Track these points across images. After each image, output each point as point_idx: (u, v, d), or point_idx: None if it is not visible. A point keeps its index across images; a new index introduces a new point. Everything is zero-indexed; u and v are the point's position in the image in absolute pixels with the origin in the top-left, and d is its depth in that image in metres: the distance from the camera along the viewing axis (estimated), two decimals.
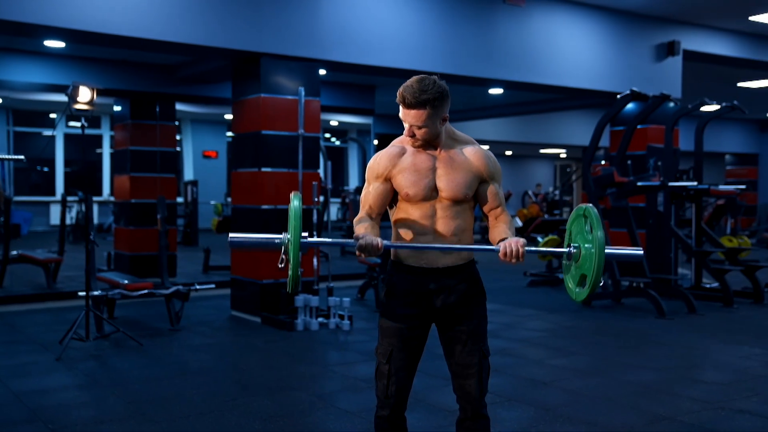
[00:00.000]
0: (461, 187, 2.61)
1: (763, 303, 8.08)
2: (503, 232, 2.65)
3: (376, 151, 9.56)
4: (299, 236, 2.40)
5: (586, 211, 2.54)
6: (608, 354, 5.68)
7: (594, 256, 2.44)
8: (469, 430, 2.74)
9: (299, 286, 2.48)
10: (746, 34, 10.29)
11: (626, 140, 8.02)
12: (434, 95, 2.51)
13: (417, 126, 2.55)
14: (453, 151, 2.66)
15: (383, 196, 2.66)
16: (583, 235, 2.53)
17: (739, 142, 19.41)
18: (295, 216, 2.43)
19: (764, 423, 3.95)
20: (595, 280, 2.45)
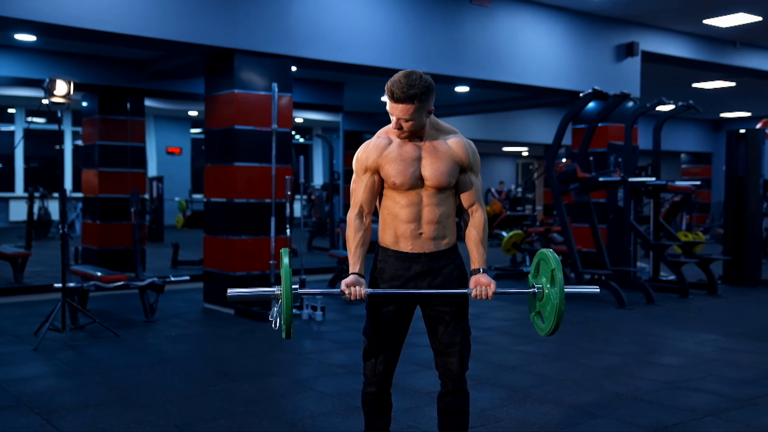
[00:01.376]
0: (445, 176, 2.78)
1: (716, 294, 8.44)
2: (476, 260, 2.84)
3: (346, 149, 9.81)
4: (290, 290, 2.56)
5: (547, 255, 2.77)
6: (572, 341, 5.93)
7: (556, 300, 2.69)
8: (449, 404, 2.92)
9: (291, 333, 2.68)
10: (700, 36, 10.69)
11: (588, 138, 8.31)
12: (421, 90, 2.67)
13: (404, 119, 2.71)
14: (437, 141, 2.82)
15: (373, 188, 2.81)
16: (546, 275, 2.76)
17: (693, 142, 20.00)
18: (285, 273, 2.59)
19: (717, 399, 4.21)
20: (557, 320, 2.71)
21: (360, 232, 2.79)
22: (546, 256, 2.78)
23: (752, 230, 9.31)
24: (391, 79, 2.70)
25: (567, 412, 3.96)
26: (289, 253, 2.70)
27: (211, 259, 7.40)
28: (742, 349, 5.63)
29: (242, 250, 7.03)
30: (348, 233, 2.82)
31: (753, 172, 9.33)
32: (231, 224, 7.04)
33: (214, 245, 7.32)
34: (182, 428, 3.66)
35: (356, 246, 2.78)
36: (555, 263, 2.71)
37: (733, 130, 9.56)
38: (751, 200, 9.29)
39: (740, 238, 9.30)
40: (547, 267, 2.77)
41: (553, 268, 2.71)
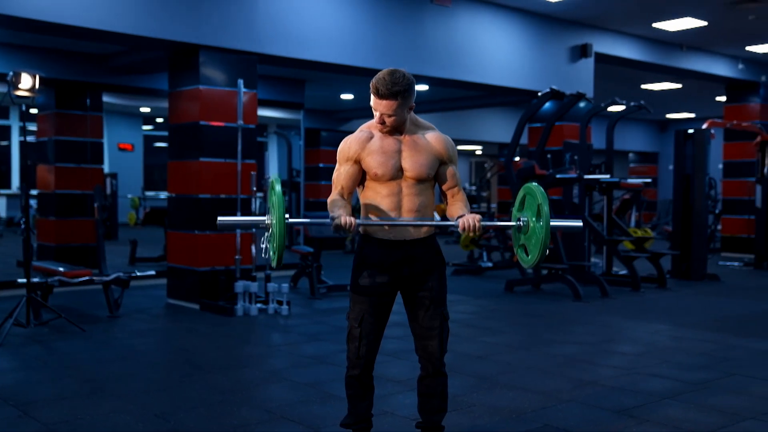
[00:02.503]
0: (424, 168, 2.92)
1: (666, 287, 8.77)
2: (460, 209, 2.98)
3: (306, 146, 9.94)
4: (283, 217, 2.65)
5: (534, 188, 2.87)
6: (533, 332, 6.14)
7: (542, 228, 2.79)
8: (429, 386, 3.06)
9: (281, 262, 2.76)
10: (650, 39, 11.07)
11: (545, 136, 8.55)
12: (404, 87, 2.80)
13: (387, 114, 2.84)
14: (416, 136, 2.96)
15: (354, 176, 2.94)
16: (531, 209, 2.88)
17: (640, 141, 20.59)
18: (278, 199, 2.68)
19: (673, 383, 4.44)
20: (543, 250, 2.81)
21: (341, 202, 2.89)
22: (532, 191, 2.87)
23: (698, 226, 9.69)
24: (376, 77, 2.82)
25: (535, 397, 4.13)
26: (280, 181, 2.79)
27: (175, 254, 7.40)
28: (693, 337, 5.91)
29: (207, 245, 7.05)
30: (331, 206, 2.91)
31: (699, 171, 9.70)
32: (196, 220, 7.06)
33: (179, 241, 7.32)
34: (162, 417, 3.71)
35: (338, 207, 2.87)
36: (542, 198, 2.81)
37: (681, 130, 9.93)
38: (697, 198, 9.67)
39: (687, 234, 9.67)
40: (533, 201, 2.86)
41: (540, 203, 2.80)
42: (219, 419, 3.70)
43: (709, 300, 8.07)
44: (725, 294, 8.50)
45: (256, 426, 3.58)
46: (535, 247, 2.83)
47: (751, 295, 8.50)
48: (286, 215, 2.72)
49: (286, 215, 2.72)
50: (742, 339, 5.85)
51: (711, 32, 10.70)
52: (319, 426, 3.59)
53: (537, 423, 3.67)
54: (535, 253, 2.84)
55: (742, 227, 13.01)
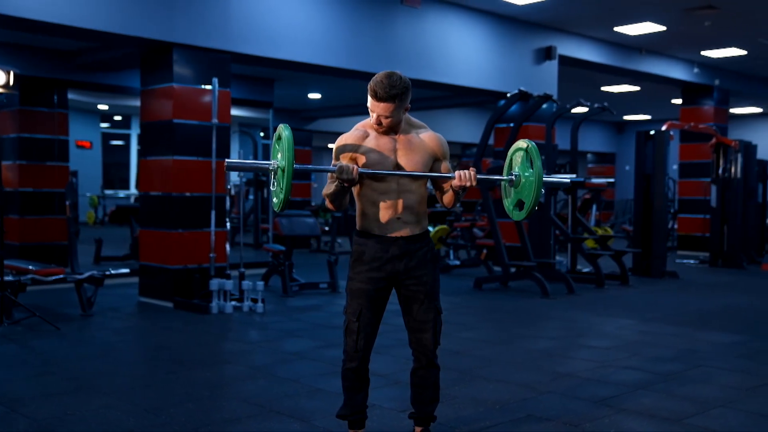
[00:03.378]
0: (419, 166, 3.03)
1: (628, 284, 9.04)
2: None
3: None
4: (292, 162, 2.73)
5: (528, 146, 2.99)
6: (506, 327, 6.29)
7: (534, 183, 2.92)
8: (423, 378, 3.18)
9: (286, 207, 2.83)
10: (611, 43, 11.36)
11: (513, 136, 8.73)
12: (401, 90, 2.90)
13: (384, 116, 2.94)
14: (410, 135, 3.07)
15: None
16: (523, 165, 3.00)
17: (598, 142, 21.03)
18: (289, 145, 2.75)
19: (644, 374, 4.63)
20: (533, 204, 2.94)
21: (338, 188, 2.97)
22: (521, 146, 3.01)
23: (658, 225, 9.99)
24: (374, 80, 2.91)
25: (515, 389, 4.27)
26: (289, 128, 2.85)
27: (147, 253, 7.37)
28: (658, 331, 6.13)
29: (182, 243, 7.05)
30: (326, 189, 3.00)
31: (659, 171, 10.01)
32: (170, 218, 7.05)
33: (151, 239, 7.30)
34: (153, 412, 3.75)
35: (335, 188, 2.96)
36: (533, 152, 2.94)
37: (642, 131, 10.23)
38: (657, 197, 9.98)
39: (648, 233, 9.97)
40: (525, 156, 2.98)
41: (532, 155, 2.94)
42: (209, 413, 3.75)
43: (670, 296, 8.35)
44: (685, 290, 8.80)
45: (248, 420, 3.65)
46: (528, 198, 2.94)
47: (709, 291, 8.81)
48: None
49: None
50: (704, 332, 6.09)
51: (669, 37, 11.04)
52: (309, 419, 3.67)
53: (520, 413, 3.81)
54: (529, 200, 2.94)
55: (698, 226, 13.43)
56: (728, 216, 11.32)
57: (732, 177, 11.36)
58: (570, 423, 3.66)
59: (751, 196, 11.93)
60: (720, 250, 11.44)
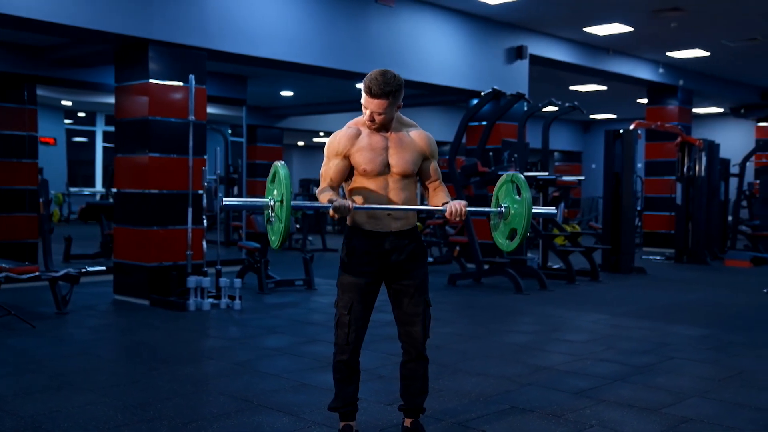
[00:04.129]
0: (409, 164, 3.09)
1: (598, 280, 9.22)
2: (444, 197, 3.17)
3: (249, 143, 9.99)
4: (290, 199, 2.77)
5: (515, 177, 3.10)
6: (482, 322, 6.39)
7: (523, 213, 3.01)
8: (412, 370, 3.24)
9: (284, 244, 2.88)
10: (580, 43, 11.55)
11: (486, 134, 8.85)
12: (395, 87, 2.96)
13: (378, 113, 2.99)
14: (401, 133, 3.13)
15: (342, 171, 3.08)
16: (511, 197, 3.09)
17: (565, 141, 21.32)
18: (286, 182, 2.79)
19: (620, 367, 4.75)
20: (524, 233, 3.03)
21: (331, 189, 3.02)
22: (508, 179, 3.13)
23: (627, 222, 10.20)
24: (369, 77, 2.96)
25: (496, 381, 4.36)
26: (285, 165, 2.90)
27: (122, 250, 7.32)
28: (631, 325, 6.28)
29: (158, 240, 7.02)
30: (321, 193, 3.04)
31: (628, 169, 10.22)
32: (145, 215, 7.02)
33: (127, 236, 7.26)
34: (141, 407, 3.75)
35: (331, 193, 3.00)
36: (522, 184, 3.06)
37: (611, 130, 10.42)
38: (626, 195, 10.18)
39: (617, 230, 10.17)
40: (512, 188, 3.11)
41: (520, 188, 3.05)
42: (197, 408, 3.77)
43: (639, 291, 8.54)
44: (653, 286, 9.00)
45: (236, 414, 3.67)
46: (519, 224, 3.04)
47: (676, 286, 9.03)
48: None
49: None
50: (674, 326, 6.26)
51: (636, 38, 11.26)
52: (298, 412, 3.71)
53: (503, 405, 3.89)
54: (520, 229, 3.03)
55: (663, 223, 13.72)
56: (693, 213, 11.59)
57: (696, 175, 11.63)
58: (553, 414, 3.75)
59: (715, 194, 12.22)
60: (685, 246, 11.70)
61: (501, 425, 3.57)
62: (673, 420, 3.69)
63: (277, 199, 2.84)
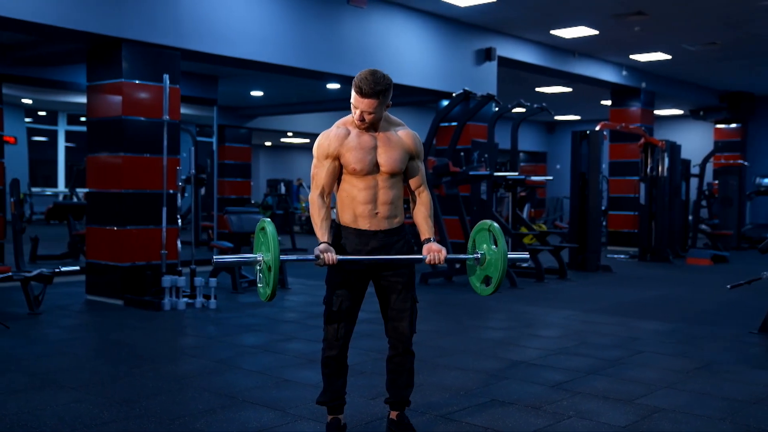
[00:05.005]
0: (398, 162, 3.17)
1: (566, 278, 9.41)
2: (426, 231, 3.26)
3: (220, 142, 9.98)
4: (278, 254, 2.89)
5: (492, 227, 3.21)
6: (456, 319, 6.51)
7: (499, 263, 3.13)
8: (399, 364, 3.32)
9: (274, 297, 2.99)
10: (547, 45, 11.77)
11: (457, 135, 8.97)
12: (385, 87, 3.04)
13: (368, 112, 3.07)
14: (389, 133, 3.20)
15: (334, 173, 3.14)
16: (487, 244, 3.21)
17: (530, 142, 21.62)
18: (274, 239, 2.90)
19: (593, 360, 4.90)
20: (500, 281, 3.18)
21: (323, 209, 3.11)
22: (484, 226, 3.24)
23: (593, 221, 10.42)
24: (359, 77, 3.03)
25: (475, 375, 4.47)
26: (272, 223, 2.99)
27: (95, 250, 7.28)
28: (600, 321, 6.45)
29: (132, 240, 7.00)
30: (313, 211, 3.12)
31: (594, 169, 10.44)
32: (119, 215, 6.99)
33: (100, 236, 7.22)
34: (127, 404, 3.78)
35: (322, 220, 3.09)
36: (497, 233, 3.19)
37: (577, 131, 10.64)
38: (592, 194, 10.40)
39: (583, 229, 10.38)
40: (488, 236, 3.22)
41: (495, 235, 3.18)
42: (183, 405, 3.81)
43: (606, 288, 8.74)
44: (619, 283, 9.22)
45: (223, 410, 3.72)
46: (494, 273, 3.18)
47: (641, 283, 9.26)
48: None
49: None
50: (642, 321, 6.45)
51: (600, 41, 11.51)
52: (283, 407, 3.77)
53: (484, 398, 4.00)
54: (496, 277, 3.18)
55: (627, 223, 14.03)
56: (656, 213, 11.87)
57: (659, 176, 11.92)
58: (532, 406, 3.87)
59: (676, 194, 12.54)
60: (648, 245, 11.99)
61: (483, 417, 3.67)
62: (646, 409, 3.83)
63: (266, 260, 2.93)
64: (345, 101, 13.22)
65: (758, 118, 17.61)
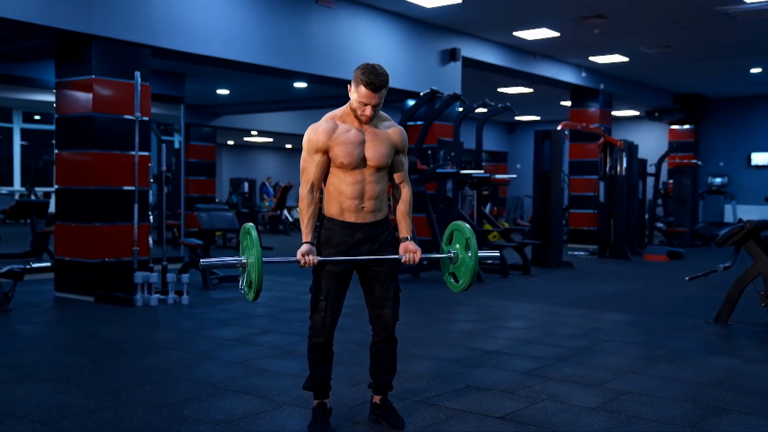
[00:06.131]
0: (384, 157, 3.30)
1: (530, 274, 9.65)
2: (404, 229, 3.42)
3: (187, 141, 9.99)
4: (260, 257, 3.02)
5: (471, 238, 3.33)
6: (426, 313, 6.66)
7: (471, 267, 3.31)
8: (382, 350, 3.46)
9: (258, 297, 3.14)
10: (510, 46, 12.01)
11: (424, 133, 9.14)
12: (387, 80, 3.17)
13: (374, 104, 3.17)
14: (376, 128, 3.32)
15: (324, 166, 3.25)
16: (461, 244, 3.36)
17: (491, 141, 21.92)
18: (256, 242, 3.05)
19: (562, 350, 5.10)
20: (472, 279, 3.35)
21: (312, 206, 3.22)
22: (461, 227, 3.40)
23: (555, 219, 10.68)
24: (365, 72, 3.13)
25: (450, 364, 4.63)
26: (254, 228, 3.13)
27: (65, 247, 7.26)
28: (566, 313, 6.67)
29: (103, 237, 7.00)
30: (301, 206, 3.24)
31: (556, 168, 10.71)
32: (90, 211, 6.99)
33: (70, 233, 7.20)
34: (112, 394, 3.84)
35: (309, 218, 3.21)
36: (469, 233, 3.33)
37: (540, 131, 10.89)
38: (554, 192, 10.67)
39: (546, 226, 10.64)
40: (461, 236, 3.37)
41: (468, 237, 3.32)
42: (168, 394, 3.88)
43: (569, 283, 9.00)
44: (580, 278, 9.49)
45: (208, 398, 3.81)
46: (465, 274, 3.35)
47: (602, 278, 9.54)
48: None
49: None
50: (605, 313, 6.69)
51: (561, 42, 11.80)
52: (267, 395, 3.87)
53: (459, 384, 4.16)
54: (466, 279, 3.34)
55: (587, 220, 14.37)
56: (614, 211, 12.21)
57: (618, 174, 12.25)
58: (506, 391, 4.04)
59: (634, 192, 12.90)
60: (607, 242, 12.31)
61: (460, 401, 3.82)
62: (614, 393, 4.03)
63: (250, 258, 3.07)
64: (311, 100, 13.32)
65: (710, 120, 18.20)
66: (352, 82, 3.19)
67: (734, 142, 18.00)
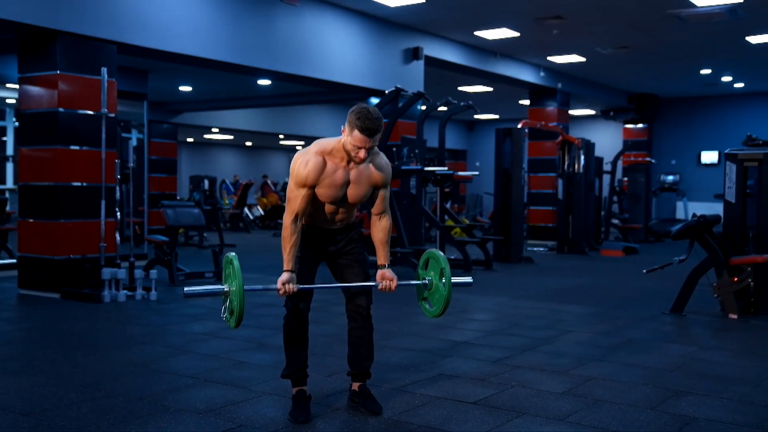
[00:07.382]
0: (363, 197, 3.43)
1: (492, 269, 9.86)
2: (382, 257, 3.52)
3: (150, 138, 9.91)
4: (242, 286, 3.14)
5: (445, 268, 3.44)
6: (395, 306, 6.78)
7: (444, 297, 3.44)
8: (359, 337, 3.58)
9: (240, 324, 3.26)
10: (471, 46, 12.21)
11: (388, 132, 9.25)
12: (382, 124, 3.26)
13: (368, 148, 3.23)
14: (362, 167, 3.39)
15: (308, 199, 3.33)
16: (436, 272, 3.49)
17: (451, 140, 22.13)
18: (238, 272, 3.15)
19: (527, 340, 5.28)
20: (445, 308, 3.48)
21: (294, 235, 3.32)
22: (435, 256, 3.54)
23: (516, 215, 10.91)
24: (360, 116, 3.16)
25: (421, 354, 4.76)
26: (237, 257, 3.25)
27: (29, 244, 7.20)
28: (529, 306, 6.87)
29: (68, 233, 6.97)
30: (284, 235, 3.33)
31: (516, 165, 10.94)
32: (55, 208, 6.95)
33: (35, 230, 7.14)
34: (91, 386, 3.88)
35: (291, 246, 3.31)
36: (444, 262, 3.47)
37: (501, 129, 11.11)
38: (515, 189, 10.89)
39: (507, 222, 10.86)
40: (437, 265, 3.50)
41: (443, 267, 3.46)
42: (148, 385, 3.94)
43: (530, 278, 9.22)
44: (541, 273, 9.73)
45: (188, 389, 3.87)
46: (439, 302, 3.48)
47: (561, 273, 9.80)
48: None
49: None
50: (566, 306, 6.90)
51: (521, 42, 12.04)
52: (246, 385, 3.96)
53: (432, 372, 4.29)
54: (440, 307, 3.48)
55: (546, 217, 14.67)
56: (572, 207, 12.50)
57: (575, 172, 12.55)
58: (477, 378, 4.19)
59: (591, 190, 13.23)
60: (566, 238, 12.61)
61: (434, 389, 3.96)
62: (580, 378, 4.21)
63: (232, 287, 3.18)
64: (273, 98, 13.35)
65: (662, 119, 18.71)
66: (345, 125, 3.22)
67: (685, 141, 18.55)
